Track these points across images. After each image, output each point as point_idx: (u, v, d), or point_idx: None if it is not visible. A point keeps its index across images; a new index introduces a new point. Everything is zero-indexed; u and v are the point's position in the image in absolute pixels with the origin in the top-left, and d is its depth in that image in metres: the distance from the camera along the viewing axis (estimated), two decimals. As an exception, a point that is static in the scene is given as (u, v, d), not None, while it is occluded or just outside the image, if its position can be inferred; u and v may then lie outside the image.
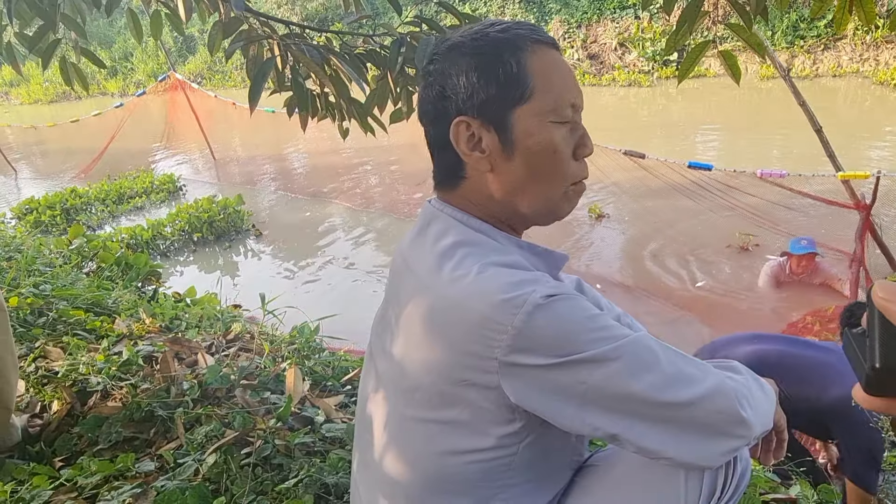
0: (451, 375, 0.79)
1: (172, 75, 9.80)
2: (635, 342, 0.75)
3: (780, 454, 1.02)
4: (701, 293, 4.40)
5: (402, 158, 8.15)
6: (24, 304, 2.57)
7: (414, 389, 0.84)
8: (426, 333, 0.81)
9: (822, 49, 11.69)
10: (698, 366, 0.79)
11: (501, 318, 0.73)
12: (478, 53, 0.83)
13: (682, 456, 0.77)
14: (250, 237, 6.21)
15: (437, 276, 0.81)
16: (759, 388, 0.89)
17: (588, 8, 14.25)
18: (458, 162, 0.87)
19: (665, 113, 11.13)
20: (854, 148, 7.07)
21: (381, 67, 1.81)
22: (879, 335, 0.38)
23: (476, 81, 0.82)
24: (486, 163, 0.84)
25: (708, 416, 0.76)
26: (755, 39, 1.49)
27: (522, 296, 0.73)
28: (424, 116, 0.90)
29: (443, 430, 0.82)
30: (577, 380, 0.74)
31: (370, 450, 0.95)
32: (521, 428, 0.81)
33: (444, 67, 0.85)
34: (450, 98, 0.84)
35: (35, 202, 6.91)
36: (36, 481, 1.47)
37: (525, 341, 0.73)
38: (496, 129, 0.83)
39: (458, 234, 0.84)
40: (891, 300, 0.37)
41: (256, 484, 1.41)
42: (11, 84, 24.54)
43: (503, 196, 0.86)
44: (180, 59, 20.83)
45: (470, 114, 0.83)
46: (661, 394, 0.74)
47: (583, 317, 0.75)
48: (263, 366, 2.06)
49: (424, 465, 0.86)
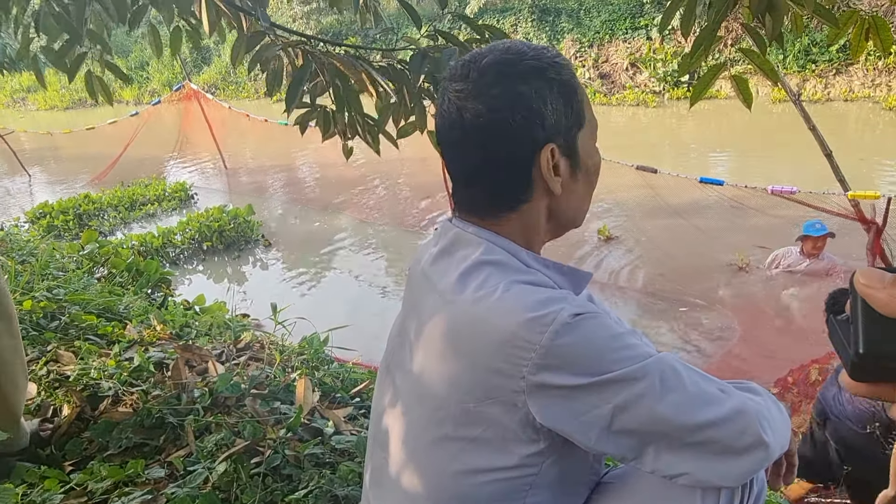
0: (476, 393, 0.79)
1: (187, 85, 9.94)
2: (660, 362, 0.76)
3: (789, 479, 1.02)
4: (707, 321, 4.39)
5: (412, 171, 8.20)
6: (37, 308, 2.60)
7: (437, 407, 0.84)
8: (450, 350, 0.81)
9: (833, 73, 11.72)
10: (720, 385, 0.80)
11: (529, 335, 0.74)
12: (558, 80, 0.84)
13: (703, 475, 0.77)
14: (259, 247, 6.25)
15: (460, 294, 0.81)
16: (777, 410, 0.89)
17: (600, 28, 14.37)
18: (524, 186, 0.86)
19: (675, 134, 11.17)
20: (864, 173, 7.06)
21: (396, 82, 1.84)
22: (862, 321, 0.39)
23: (562, 108, 0.84)
24: (557, 187, 0.86)
25: (730, 437, 0.77)
26: (768, 66, 1.51)
27: (550, 314, 0.74)
28: (486, 140, 0.84)
29: (466, 448, 0.82)
30: (603, 400, 0.75)
31: (385, 466, 0.95)
32: (546, 448, 0.82)
33: (522, 91, 0.82)
34: (536, 123, 0.83)
35: (49, 207, 6.99)
36: (47, 484, 1.48)
37: (552, 359, 0.74)
38: (568, 154, 0.87)
39: (483, 254, 0.84)
40: (872, 286, 0.38)
41: (266, 494, 1.41)
42: (28, 90, 24.91)
43: (563, 213, 0.91)
44: (195, 69, 21.11)
45: (557, 140, 0.84)
46: (684, 414, 0.75)
47: (609, 335, 0.76)
48: (273, 375, 2.07)
49: (445, 484, 0.86)
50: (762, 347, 3.85)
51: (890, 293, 0.37)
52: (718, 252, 5.14)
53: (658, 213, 5.71)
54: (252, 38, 1.79)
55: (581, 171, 0.89)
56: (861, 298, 0.39)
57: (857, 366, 0.39)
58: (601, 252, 5.50)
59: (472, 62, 0.85)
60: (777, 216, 5.24)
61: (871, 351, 0.38)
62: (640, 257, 5.32)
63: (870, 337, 0.38)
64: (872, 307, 0.38)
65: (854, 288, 0.39)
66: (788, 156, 8.20)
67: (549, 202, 0.88)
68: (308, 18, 19.44)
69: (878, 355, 0.38)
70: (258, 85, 19.11)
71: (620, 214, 6.17)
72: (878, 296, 0.38)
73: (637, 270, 5.13)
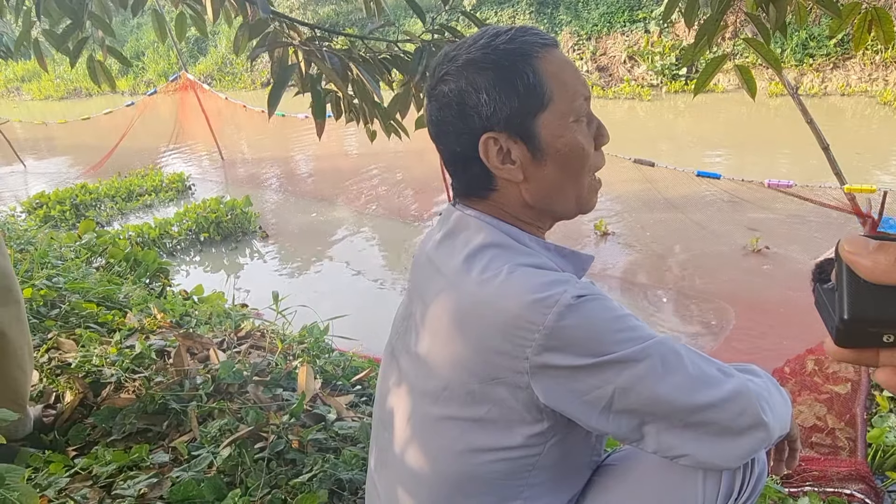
0: (480, 374, 0.80)
1: (183, 75, 9.87)
2: (661, 343, 0.77)
3: (792, 464, 1.04)
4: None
5: (410, 164, 8.18)
6: (37, 296, 2.60)
7: (442, 388, 0.85)
8: (455, 332, 0.82)
9: (831, 68, 11.73)
10: (720, 367, 0.81)
11: (533, 317, 0.75)
12: (494, 67, 0.83)
13: (702, 456, 0.79)
14: (256, 238, 6.24)
15: (465, 276, 0.82)
16: (778, 393, 0.90)
17: (598, 20, 14.33)
18: (486, 175, 0.88)
19: (672, 127, 11.17)
20: (861, 167, 7.08)
21: (404, 73, 1.84)
22: (847, 288, 0.39)
23: (498, 96, 0.83)
24: (518, 173, 0.86)
25: (730, 418, 0.78)
26: (772, 55, 1.51)
27: (554, 296, 0.75)
28: (442, 136, 0.90)
29: (471, 427, 0.84)
30: (605, 381, 0.76)
31: (390, 448, 0.96)
32: (549, 428, 0.83)
33: (460, 86, 0.85)
34: (472, 116, 0.85)
35: (45, 197, 6.95)
36: (52, 469, 1.49)
37: (556, 341, 0.75)
38: (523, 139, 0.85)
39: (486, 237, 0.86)
40: (857, 253, 0.39)
41: (271, 478, 1.42)
42: (23, 79, 24.71)
43: (539, 201, 0.88)
44: (191, 59, 20.97)
45: (496, 129, 0.84)
46: (685, 396, 0.76)
47: (611, 317, 0.77)
48: (275, 363, 2.08)
49: (449, 463, 0.87)
50: (766, 339, 3.88)
51: (874, 259, 0.38)
52: (716, 245, 5.16)
53: (655, 206, 5.71)
54: (255, 25, 1.78)
55: (547, 155, 0.85)
56: (846, 265, 0.39)
57: (841, 332, 0.40)
58: (598, 247, 5.51)
59: (438, 61, 0.89)
60: (774, 209, 5.26)
61: (856, 316, 0.39)
62: (638, 252, 5.34)
63: (854, 303, 0.39)
64: (857, 273, 0.39)
65: (839, 255, 0.40)
66: (785, 149, 8.22)
67: (518, 190, 0.88)
68: (305, 9, 19.33)
69: (862, 320, 0.39)
70: (255, 76, 19.01)
71: (618, 209, 6.17)
72: (862, 262, 0.38)
73: (634, 265, 5.14)
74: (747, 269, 4.74)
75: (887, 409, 2.49)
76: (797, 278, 4.41)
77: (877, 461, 2.27)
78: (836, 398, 2.62)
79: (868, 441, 2.34)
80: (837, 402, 2.60)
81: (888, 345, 0.40)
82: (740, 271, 4.73)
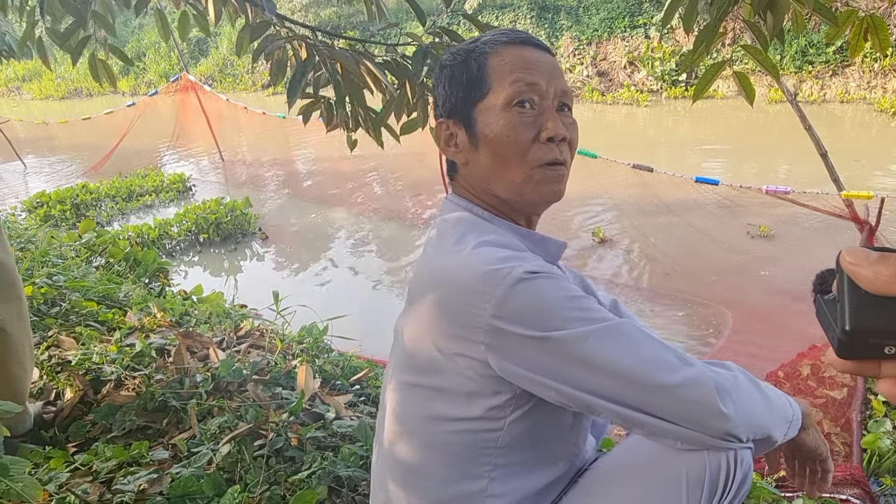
0: (440, 343, 0.84)
1: (184, 76, 9.88)
2: (616, 326, 0.79)
3: (824, 486, 1.01)
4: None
5: (410, 166, 8.19)
6: (37, 294, 2.61)
7: (411, 355, 0.90)
8: (423, 302, 0.87)
9: (830, 75, 11.77)
10: (681, 356, 0.81)
11: (484, 287, 0.79)
12: (450, 64, 0.96)
13: (659, 435, 0.80)
14: (256, 239, 6.25)
15: (440, 250, 0.90)
16: (756, 389, 0.87)
17: (599, 26, 14.37)
18: (449, 161, 1.01)
19: (670, 133, 11.20)
20: (859, 174, 7.11)
21: (399, 77, 1.86)
22: (848, 299, 0.39)
23: (447, 88, 0.96)
24: (461, 157, 0.96)
25: (684, 405, 0.77)
26: (770, 62, 1.53)
27: (506, 269, 0.79)
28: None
29: (434, 395, 0.88)
30: (557, 356, 0.78)
31: (382, 422, 1.01)
32: (507, 401, 0.85)
33: (434, 83, 1.00)
34: (437, 106, 1.00)
35: (46, 196, 6.96)
36: (52, 464, 1.50)
37: (506, 311, 0.78)
38: (464, 125, 0.94)
39: (462, 217, 0.94)
40: (858, 264, 0.39)
41: (270, 474, 1.43)
42: (23, 79, 24.73)
43: (480, 184, 0.96)
44: (192, 60, 21.00)
45: (446, 116, 0.97)
46: (636, 378, 0.77)
47: (563, 296, 0.79)
48: (275, 362, 2.09)
49: (417, 429, 0.91)
50: (764, 344, 3.89)
51: (875, 270, 0.38)
52: (713, 250, 5.18)
53: (654, 212, 5.72)
54: (257, 27, 1.80)
55: (479, 141, 0.93)
56: (847, 276, 0.39)
57: (843, 343, 0.40)
58: (595, 255, 5.50)
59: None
60: (772, 215, 5.28)
61: (857, 327, 0.39)
62: (636, 257, 5.35)
63: (856, 314, 0.39)
64: (858, 285, 0.39)
65: (840, 266, 0.40)
66: (784, 155, 8.25)
67: (469, 172, 0.97)
68: (307, 11, 19.38)
69: (864, 332, 0.39)
70: (255, 77, 19.02)
71: (616, 215, 6.17)
72: (863, 273, 0.38)
73: (632, 270, 5.15)
74: (744, 274, 4.75)
75: (882, 413, 2.50)
76: (794, 283, 4.42)
77: (872, 466, 2.28)
78: (831, 403, 2.63)
79: (863, 446, 2.35)
80: (833, 406, 2.61)
81: (890, 356, 0.40)
82: (738, 276, 4.74)
